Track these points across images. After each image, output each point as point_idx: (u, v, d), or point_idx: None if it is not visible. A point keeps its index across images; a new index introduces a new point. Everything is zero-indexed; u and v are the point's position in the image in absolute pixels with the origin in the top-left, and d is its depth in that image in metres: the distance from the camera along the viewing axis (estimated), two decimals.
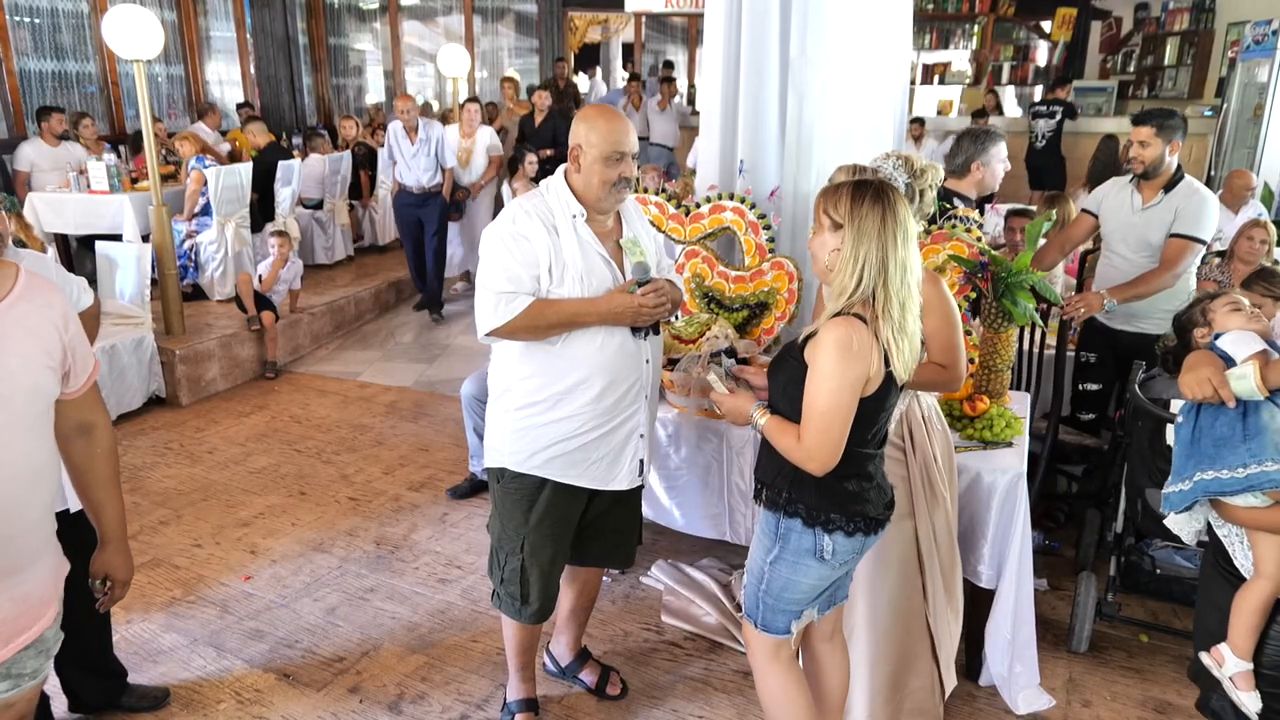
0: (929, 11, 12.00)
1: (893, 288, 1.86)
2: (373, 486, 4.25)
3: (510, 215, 2.31)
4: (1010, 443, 2.77)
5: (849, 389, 1.85)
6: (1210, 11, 10.28)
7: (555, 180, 2.34)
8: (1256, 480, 1.78)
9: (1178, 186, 3.45)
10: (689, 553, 3.51)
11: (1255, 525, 1.87)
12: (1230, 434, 1.82)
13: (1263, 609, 1.88)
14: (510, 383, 2.36)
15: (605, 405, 2.33)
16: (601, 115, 2.29)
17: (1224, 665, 1.92)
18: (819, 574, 2.03)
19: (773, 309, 3.38)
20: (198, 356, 5.39)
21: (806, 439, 1.89)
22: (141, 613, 3.24)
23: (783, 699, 2.14)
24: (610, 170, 2.25)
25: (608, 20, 13.15)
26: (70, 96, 8.58)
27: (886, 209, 1.87)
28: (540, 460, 2.34)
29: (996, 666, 2.73)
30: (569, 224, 2.28)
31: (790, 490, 2.00)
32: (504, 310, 2.22)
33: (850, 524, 1.99)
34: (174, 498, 4.14)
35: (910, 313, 1.91)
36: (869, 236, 1.85)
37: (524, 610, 2.46)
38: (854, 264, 1.86)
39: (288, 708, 2.76)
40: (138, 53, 4.97)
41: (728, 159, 3.54)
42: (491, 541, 2.51)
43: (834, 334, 1.85)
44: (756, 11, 3.35)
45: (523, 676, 2.63)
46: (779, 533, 2.04)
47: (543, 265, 2.24)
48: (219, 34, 10.20)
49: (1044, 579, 3.37)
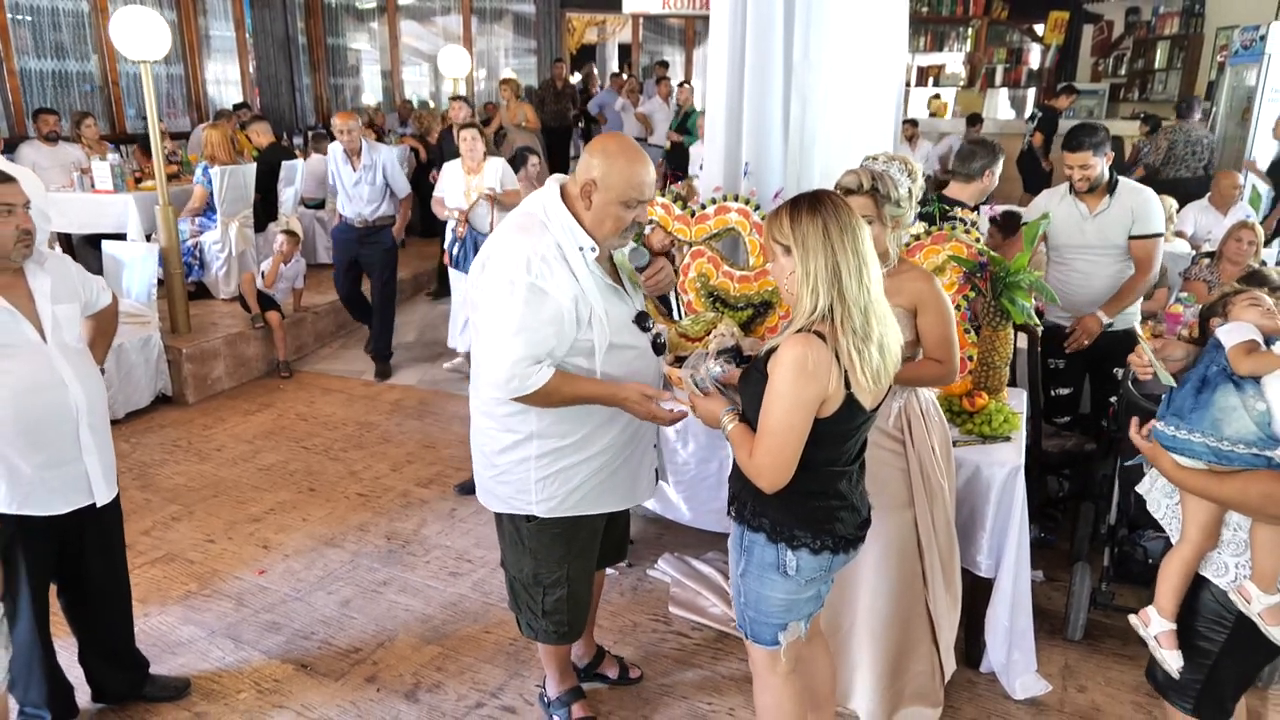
0: (923, 14, 12.13)
1: (849, 296, 1.81)
2: (381, 483, 4.32)
3: (522, 261, 2.06)
4: (1008, 437, 2.86)
5: (802, 409, 1.81)
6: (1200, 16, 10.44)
7: (554, 208, 2.14)
8: (1180, 445, 1.87)
9: (1119, 188, 3.60)
10: (694, 546, 3.59)
11: (1174, 480, 1.95)
12: (1184, 396, 1.91)
13: (1184, 571, 1.98)
14: (531, 429, 2.22)
15: (632, 430, 2.30)
16: (624, 154, 2.12)
17: (1149, 625, 2.02)
18: (785, 589, 2.00)
19: (776, 308, 3.46)
20: (204, 355, 5.45)
21: (757, 455, 1.86)
22: (158, 606, 3.30)
23: (774, 711, 2.16)
24: (627, 214, 2.13)
25: (605, 21, 13.21)
26: (70, 96, 8.62)
27: (827, 217, 1.82)
28: (574, 500, 2.28)
29: (995, 654, 2.82)
30: (579, 258, 2.12)
31: (754, 503, 1.98)
32: (524, 384, 2.06)
33: (816, 541, 1.95)
34: (184, 494, 4.20)
35: (874, 317, 1.85)
36: (815, 250, 1.82)
37: (569, 635, 2.48)
38: (807, 282, 1.83)
39: (306, 696, 2.83)
40: (145, 54, 5.03)
41: (732, 161, 3.63)
42: (517, 578, 2.43)
43: (791, 352, 1.80)
44: (761, 17, 3.43)
45: (563, 672, 2.68)
46: (744, 546, 2.03)
47: (567, 317, 2.08)
48: (218, 34, 10.25)
49: (1039, 570, 3.46)
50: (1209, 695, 1.99)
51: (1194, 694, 1.99)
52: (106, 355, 2.73)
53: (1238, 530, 1.93)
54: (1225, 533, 1.95)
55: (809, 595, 2.04)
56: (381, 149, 5.66)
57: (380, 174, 5.52)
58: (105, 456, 2.47)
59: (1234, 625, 1.93)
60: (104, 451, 2.46)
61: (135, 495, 4.13)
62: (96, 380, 2.46)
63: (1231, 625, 1.93)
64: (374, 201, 5.53)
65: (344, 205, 5.60)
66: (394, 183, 5.62)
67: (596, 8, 12.75)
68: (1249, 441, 1.79)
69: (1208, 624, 1.97)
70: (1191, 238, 5.84)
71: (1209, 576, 1.97)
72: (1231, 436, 1.81)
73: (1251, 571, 1.89)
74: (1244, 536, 1.92)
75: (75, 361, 2.38)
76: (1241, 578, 1.91)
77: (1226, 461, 1.82)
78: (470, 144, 5.21)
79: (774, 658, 2.10)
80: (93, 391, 2.41)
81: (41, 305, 2.34)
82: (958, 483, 2.71)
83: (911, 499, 2.55)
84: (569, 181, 2.19)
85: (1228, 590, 1.92)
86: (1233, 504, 1.87)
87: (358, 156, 5.48)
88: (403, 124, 10.02)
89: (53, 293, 2.37)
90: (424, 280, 7.88)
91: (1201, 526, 1.95)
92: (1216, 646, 1.96)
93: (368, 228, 5.57)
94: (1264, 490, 1.77)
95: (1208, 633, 1.97)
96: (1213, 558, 1.97)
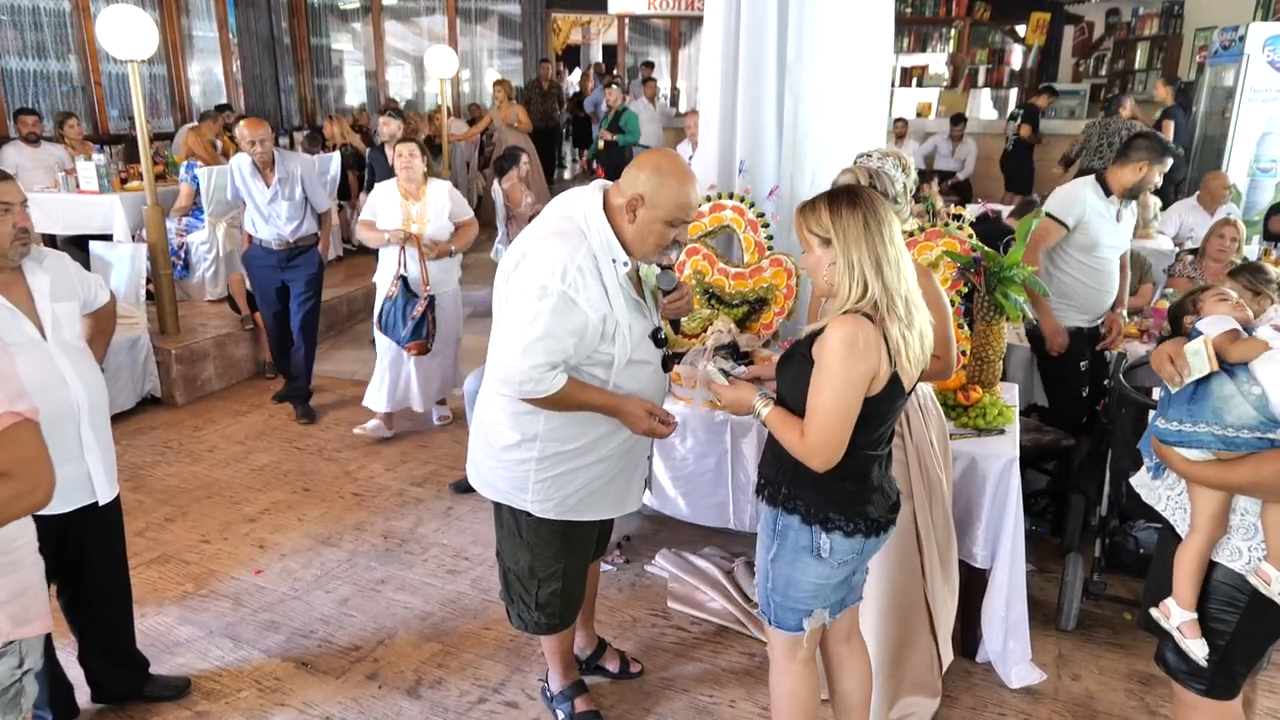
0: (907, 16, 12.22)
1: (891, 285, 1.87)
2: (376, 482, 4.31)
3: (557, 269, 2.05)
4: (1003, 430, 2.90)
5: (854, 387, 1.86)
6: (1179, 17, 10.58)
7: (594, 217, 2.12)
8: (1187, 438, 1.92)
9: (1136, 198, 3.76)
10: (690, 542, 3.61)
11: (1187, 476, 2.00)
12: (1182, 391, 1.97)
13: (1199, 560, 2.01)
14: (538, 431, 2.24)
15: (632, 441, 2.33)
16: (675, 174, 2.10)
17: (1170, 617, 2.06)
18: (818, 572, 2.03)
19: (771, 304, 3.49)
20: (193, 356, 5.42)
21: (810, 435, 1.89)
22: (155, 606, 3.29)
23: (789, 698, 2.18)
24: (670, 232, 2.13)
25: (590, 22, 13.23)
26: (51, 97, 8.54)
27: (866, 211, 1.87)
28: (569, 505, 2.32)
29: (992, 644, 2.86)
30: (611, 270, 2.12)
31: (789, 487, 2.02)
32: (538, 387, 2.09)
33: (850, 524, 1.99)
34: (177, 495, 4.18)
35: (915, 307, 1.92)
36: (857, 242, 1.86)
37: (559, 626, 2.52)
38: (850, 273, 1.87)
39: (308, 694, 2.83)
40: (132, 53, 4.99)
41: (727, 159, 3.66)
42: (512, 569, 2.46)
43: (841, 331, 1.85)
44: (755, 17, 3.47)
45: (566, 666, 2.70)
46: (777, 529, 2.06)
47: (592, 330, 2.10)
48: (201, 34, 10.18)
49: (1031, 562, 3.50)
50: (1222, 675, 2.02)
51: (1208, 675, 2.02)
52: (106, 353, 2.72)
53: (1245, 514, 1.97)
54: (1233, 518, 1.99)
55: (838, 580, 2.07)
56: (296, 158, 4.97)
57: (298, 187, 4.80)
58: (106, 455, 2.46)
59: (1246, 606, 1.96)
60: (105, 450, 2.45)
61: (128, 497, 4.09)
62: (97, 378, 2.44)
63: (1245, 606, 1.97)
64: (294, 219, 4.83)
65: (257, 227, 4.84)
66: (313, 196, 4.90)
67: (582, 8, 12.78)
68: (1251, 426, 1.84)
69: (1220, 606, 2.00)
70: (1175, 236, 5.94)
71: (1223, 562, 2.00)
72: (1234, 423, 1.85)
73: (1266, 553, 1.93)
74: (1252, 520, 1.96)
75: (76, 360, 2.37)
76: (1256, 560, 1.94)
77: (1233, 448, 1.86)
78: (407, 160, 4.38)
79: (795, 644, 2.12)
80: (94, 390, 2.40)
81: (41, 304, 2.33)
82: (954, 475, 2.75)
83: (910, 492, 2.58)
84: (613, 190, 2.16)
85: (1244, 574, 1.95)
86: (1246, 488, 1.90)
87: (270, 170, 4.76)
88: None
89: (52, 291, 2.36)
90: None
91: (1212, 516, 1.98)
92: (1230, 627, 1.99)
93: (290, 249, 4.84)
94: (1277, 469, 1.81)
95: (1221, 614, 2.00)
96: (1225, 543, 2.00)
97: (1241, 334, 1.96)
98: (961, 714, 2.75)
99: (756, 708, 2.76)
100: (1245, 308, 2.10)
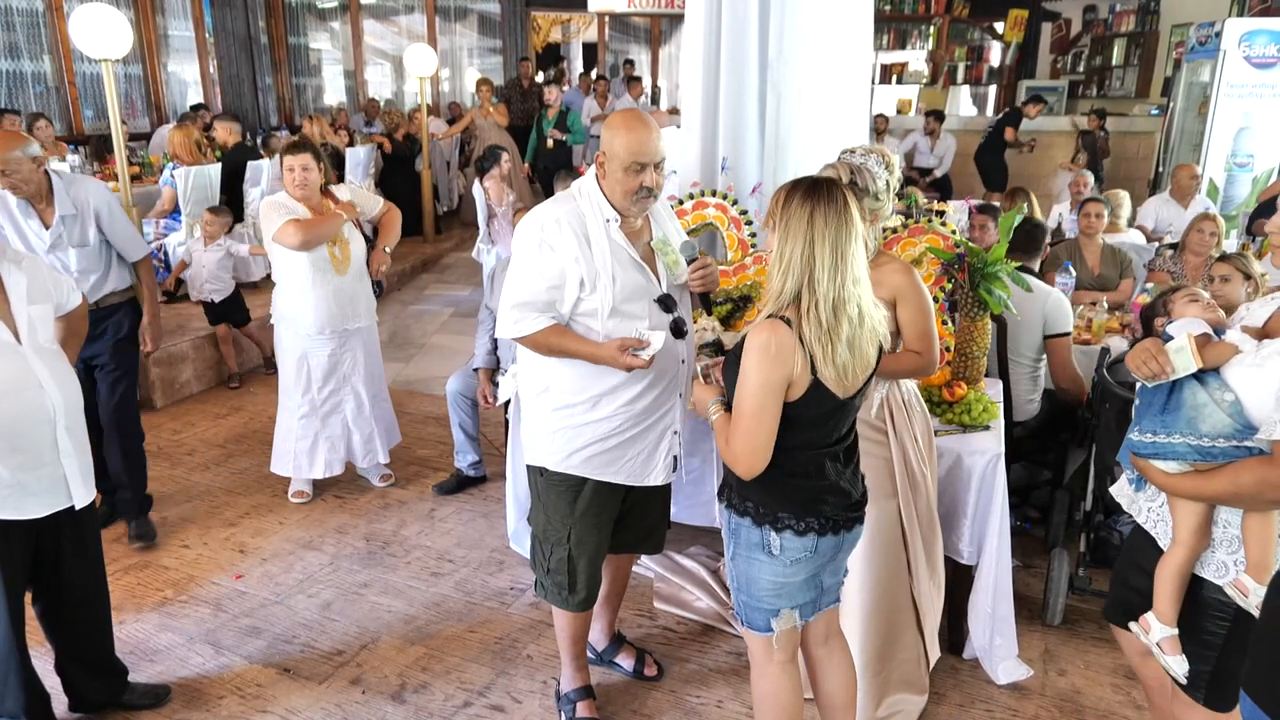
0: (886, 13, 12.29)
1: (819, 288, 1.80)
2: (358, 484, 4.27)
3: (540, 222, 2.29)
4: (988, 426, 2.90)
5: (769, 392, 1.83)
6: (1155, 14, 10.68)
7: (588, 184, 2.34)
8: (1162, 449, 1.89)
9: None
10: (676, 541, 3.59)
11: (1165, 488, 1.95)
12: (1153, 402, 1.93)
13: (1181, 576, 1.94)
14: (549, 382, 2.38)
15: (643, 405, 2.37)
16: (624, 124, 2.26)
17: (1151, 632, 2.00)
18: (773, 570, 2.01)
19: (755, 302, 3.48)
20: (172, 359, 5.35)
21: (733, 441, 1.89)
22: (134, 613, 3.23)
23: (770, 700, 2.17)
24: (631, 180, 2.23)
25: (570, 20, 13.19)
26: (24, 97, 8.42)
27: (822, 206, 1.81)
28: (579, 460, 2.39)
29: (978, 640, 2.86)
30: (601, 228, 2.28)
31: (740, 488, 2.01)
32: (515, 326, 2.28)
33: (801, 523, 1.96)
34: (157, 500, 4.10)
35: (846, 315, 1.83)
36: (795, 236, 1.82)
37: (571, 599, 2.51)
38: (779, 264, 1.84)
39: (291, 701, 2.80)
40: (106, 52, 4.91)
41: (709, 157, 3.65)
42: (534, 533, 2.55)
43: (756, 338, 1.83)
44: (736, 14, 3.45)
45: (576, 666, 2.68)
46: (732, 529, 2.07)
47: (571, 278, 2.24)
48: (177, 33, 10.07)
49: (1016, 558, 3.51)
50: (1217, 684, 1.97)
51: (1204, 685, 1.98)
52: (78, 356, 2.67)
53: (1228, 527, 1.91)
54: (1216, 531, 1.93)
55: (800, 580, 2.04)
56: (87, 185, 3.35)
57: (92, 226, 3.29)
58: (83, 458, 2.42)
59: (1235, 616, 1.91)
60: (81, 453, 2.41)
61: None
62: (72, 382, 2.41)
63: (1233, 616, 1.92)
64: (90, 271, 3.34)
65: None
66: (118, 238, 3.39)
67: (562, 6, 12.73)
68: (1227, 434, 1.80)
69: (1210, 617, 1.94)
70: (1152, 231, 5.98)
71: (1209, 578, 1.95)
72: (1210, 433, 1.82)
73: (1246, 564, 1.87)
74: (1235, 532, 1.89)
75: (51, 363, 2.33)
76: (1238, 574, 1.88)
77: (1210, 458, 1.83)
78: (300, 173, 3.57)
79: (768, 645, 2.11)
80: (69, 393, 2.36)
81: (16, 307, 2.29)
82: (939, 472, 2.75)
83: (895, 489, 2.58)
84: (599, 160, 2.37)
85: (1225, 588, 1.90)
86: (1226, 498, 1.84)
87: (47, 205, 3.22)
88: (369, 123, 9.92)
89: (28, 294, 2.32)
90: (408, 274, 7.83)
91: (1194, 530, 1.92)
92: (1220, 639, 1.94)
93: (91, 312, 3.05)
94: (1256, 477, 1.76)
95: (1211, 625, 1.94)
96: (1209, 558, 1.94)
97: (1212, 337, 1.93)
98: (949, 710, 2.75)
99: (743, 707, 2.75)
100: (1216, 308, 2.07)
